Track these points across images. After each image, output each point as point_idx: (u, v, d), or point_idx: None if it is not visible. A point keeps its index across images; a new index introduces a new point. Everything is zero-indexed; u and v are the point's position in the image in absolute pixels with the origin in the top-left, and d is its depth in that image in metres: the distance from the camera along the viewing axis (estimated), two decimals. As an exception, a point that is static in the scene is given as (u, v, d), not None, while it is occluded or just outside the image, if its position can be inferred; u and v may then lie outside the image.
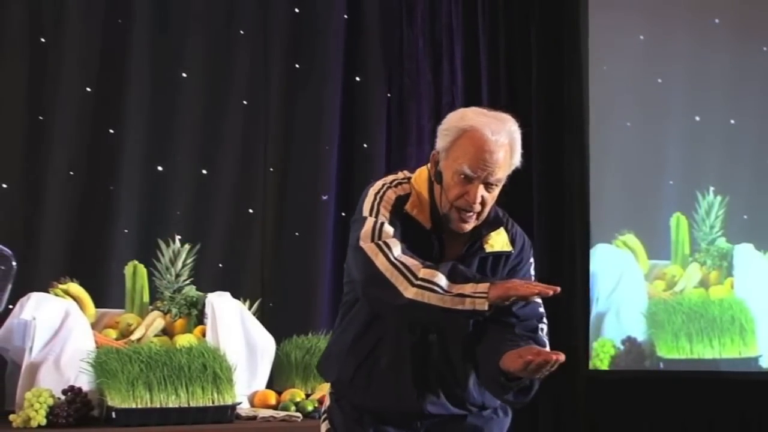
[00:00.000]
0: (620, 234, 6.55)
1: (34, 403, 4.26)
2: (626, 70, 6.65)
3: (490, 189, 3.24)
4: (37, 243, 5.68)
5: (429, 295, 3.10)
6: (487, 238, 3.33)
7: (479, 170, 3.18)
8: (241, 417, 4.59)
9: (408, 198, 3.32)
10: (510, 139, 3.26)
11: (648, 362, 6.47)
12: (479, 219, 3.28)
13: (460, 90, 6.69)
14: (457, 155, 3.21)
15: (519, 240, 3.42)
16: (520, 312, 3.30)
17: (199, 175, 6.12)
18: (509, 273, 3.35)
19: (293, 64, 6.41)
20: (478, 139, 3.19)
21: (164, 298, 5.01)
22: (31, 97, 5.78)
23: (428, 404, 3.34)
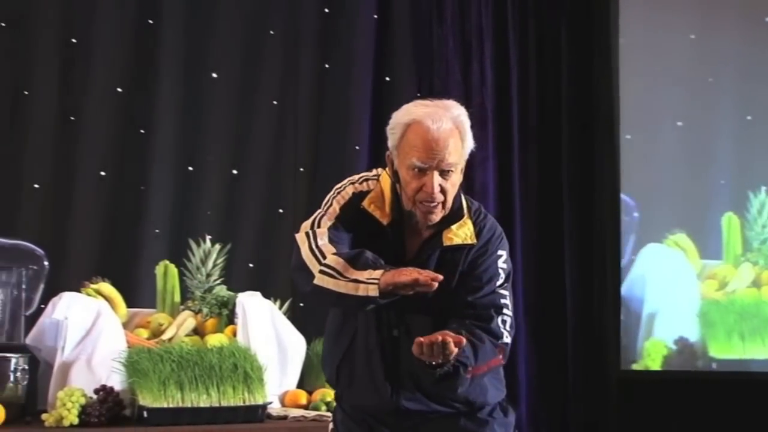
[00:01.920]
0: (671, 234, 6.51)
1: (67, 403, 4.27)
2: (676, 70, 6.62)
3: (446, 176, 3.25)
4: (68, 243, 5.71)
5: (328, 280, 3.15)
6: (447, 232, 3.33)
7: (429, 160, 3.21)
8: (272, 417, 4.59)
9: (367, 194, 3.37)
10: (455, 123, 3.27)
11: (700, 362, 6.45)
12: (445, 208, 3.29)
13: (489, 90, 6.68)
14: (406, 151, 3.25)
15: (487, 232, 3.40)
16: (477, 302, 3.29)
17: (229, 176, 6.14)
18: (470, 264, 3.33)
19: (323, 64, 6.41)
20: (422, 131, 3.22)
21: (195, 298, 5.02)
22: (63, 98, 5.81)
23: (404, 400, 3.34)
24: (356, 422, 3.47)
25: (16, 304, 4.85)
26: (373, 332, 3.35)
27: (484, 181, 6.58)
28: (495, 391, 3.49)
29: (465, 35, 6.71)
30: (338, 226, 3.31)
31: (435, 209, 3.26)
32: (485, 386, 3.42)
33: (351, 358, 3.41)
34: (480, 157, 6.58)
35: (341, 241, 3.28)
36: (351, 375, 3.43)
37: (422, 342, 3.02)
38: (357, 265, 3.16)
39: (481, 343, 3.22)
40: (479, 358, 3.21)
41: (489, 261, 3.35)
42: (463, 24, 6.71)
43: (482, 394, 3.42)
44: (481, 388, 3.40)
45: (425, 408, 3.36)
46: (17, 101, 5.73)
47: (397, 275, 3.06)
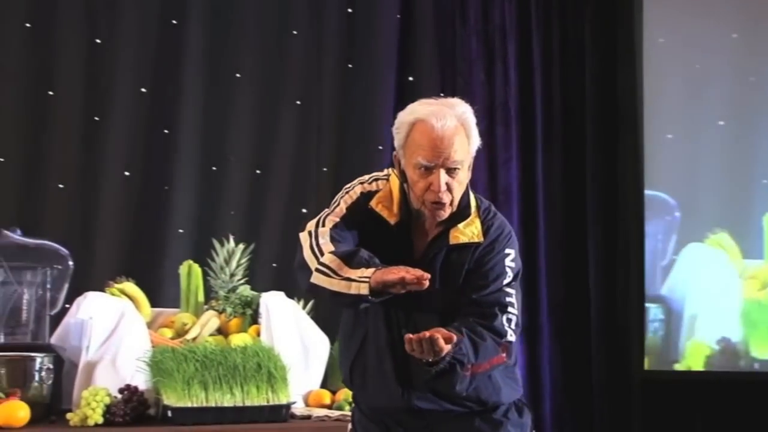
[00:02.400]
0: (713, 233, 6.49)
1: (91, 402, 4.29)
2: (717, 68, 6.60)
3: (453, 174, 3.24)
4: (93, 243, 5.73)
5: (323, 278, 3.19)
6: (454, 230, 3.33)
7: (435, 158, 3.21)
8: (296, 416, 4.59)
9: (376, 194, 3.39)
10: (460, 120, 3.25)
11: (743, 362, 6.42)
12: (453, 206, 3.29)
13: (513, 90, 6.67)
14: (411, 150, 3.25)
15: (495, 230, 3.38)
16: (482, 299, 3.29)
17: (252, 175, 6.15)
18: (476, 263, 3.32)
19: (346, 64, 6.42)
20: (427, 129, 3.22)
21: (219, 298, 5.03)
22: (87, 98, 5.84)
23: (415, 400, 3.34)
24: (373, 422, 3.48)
25: (41, 303, 4.88)
26: (383, 333, 3.35)
27: (507, 181, 6.57)
28: (509, 390, 3.47)
29: (488, 35, 6.70)
30: (342, 226, 3.34)
31: (443, 207, 3.26)
32: (498, 385, 3.41)
33: (363, 359, 3.42)
34: (504, 158, 6.58)
35: (344, 240, 3.30)
36: (363, 376, 3.44)
37: (411, 339, 3.03)
38: (351, 263, 3.17)
39: (482, 341, 3.21)
40: (480, 355, 3.20)
41: (496, 259, 3.34)
42: (486, 24, 6.70)
43: (495, 393, 3.40)
44: (494, 387, 3.39)
45: (438, 407, 3.36)
46: (42, 102, 5.76)
47: (385, 273, 3.07)
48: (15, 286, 4.83)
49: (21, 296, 4.84)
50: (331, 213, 3.39)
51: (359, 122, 6.36)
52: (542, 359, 6.56)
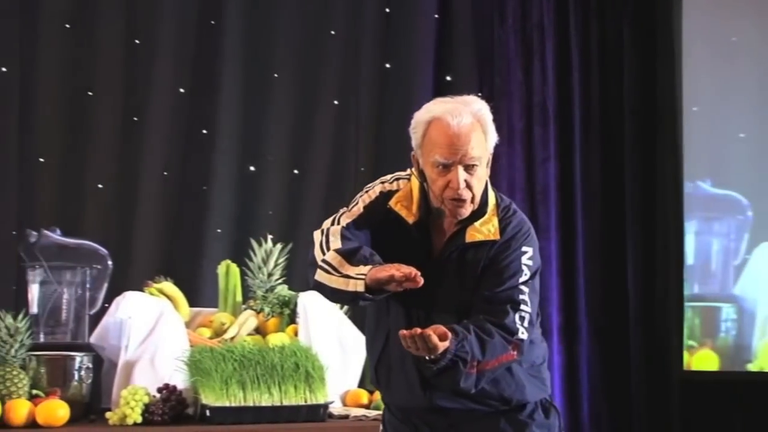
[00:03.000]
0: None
1: (130, 401, 4.30)
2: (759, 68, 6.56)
3: (471, 170, 3.24)
4: (132, 242, 5.76)
5: (324, 275, 3.26)
6: (471, 228, 3.32)
7: (452, 155, 3.21)
8: (334, 416, 4.59)
9: (395, 193, 3.40)
10: (476, 117, 3.26)
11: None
12: (474, 203, 3.29)
13: (551, 89, 6.65)
14: (429, 149, 3.26)
15: (512, 229, 3.37)
16: (494, 297, 3.28)
17: (290, 175, 6.16)
18: (491, 260, 3.31)
19: (384, 64, 6.42)
20: (443, 127, 3.23)
21: (257, 297, 5.03)
22: (126, 99, 5.87)
23: (438, 399, 3.34)
24: (402, 422, 3.49)
25: (80, 303, 4.90)
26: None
27: (545, 180, 6.55)
28: (534, 388, 3.45)
29: (526, 34, 6.68)
30: (357, 225, 3.37)
31: (464, 204, 3.26)
32: (522, 382, 3.40)
33: (386, 359, 3.43)
34: (542, 157, 6.56)
35: (356, 239, 3.32)
36: (388, 375, 3.45)
37: (405, 335, 3.03)
38: (352, 260, 3.21)
39: (490, 339, 3.19)
40: (487, 353, 3.18)
41: (512, 257, 3.32)
42: (524, 23, 6.68)
43: (519, 390, 3.39)
44: (516, 385, 3.38)
45: (460, 406, 3.36)
46: (82, 102, 5.79)
47: (378, 271, 3.09)
48: (55, 286, 4.85)
49: (61, 296, 4.86)
50: (347, 212, 3.44)
51: (397, 122, 6.32)
52: (580, 359, 6.54)
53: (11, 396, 4.27)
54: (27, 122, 5.68)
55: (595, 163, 6.70)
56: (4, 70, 5.67)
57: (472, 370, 3.18)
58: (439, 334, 3.03)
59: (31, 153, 5.69)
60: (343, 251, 3.24)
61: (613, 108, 6.75)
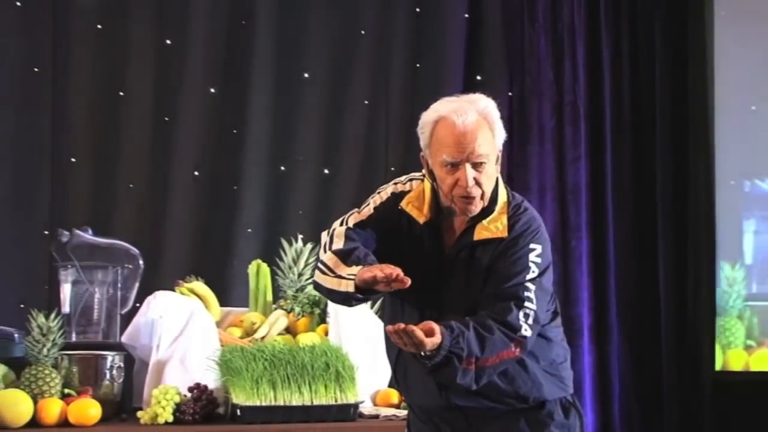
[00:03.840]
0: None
1: (161, 400, 4.32)
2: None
3: (479, 168, 3.24)
4: (163, 242, 5.78)
5: (320, 276, 3.32)
6: (480, 227, 3.32)
7: (459, 154, 3.22)
8: (364, 416, 4.60)
9: (407, 194, 3.44)
10: (482, 115, 3.26)
11: None
12: (484, 199, 3.29)
13: (582, 88, 6.63)
14: (436, 148, 3.29)
15: (521, 226, 3.35)
16: (499, 293, 3.26)
17: (320, 175, 6.17)
18: (498, 257, 3.30)
19: (414, 64, 6.41)
20: (448, 125, 3.25)
21: (287, 297, 5.04)
22: (157, 99, 5.89)
23: (454, 398, 3.34)
24: (424, 422, 3.51)
25: (111, 302, 4.92)
26: None
27: (576, 180, 6.54)
28: (553, 387, 3.44)
29: (557, 33, 6.66)
30: (364, 225, 3.40)
31: (473, 201, 3.26)
32: (538, 380, 3.39)
33: (403, 360, 3.44)
34: (572, 156, 6.55)
35: (360, 240, 3.35)
36: (405, 376, 3.47)
37: (390, 330, 3.05)
38: (347, 261, 3.25)
39: (490, 335, 3.17)
40: (486, 349, 3.16)
41: (519, 254, 3.30)
42: (555, 22, 6.66)
43: (536, 388, 3.39)
44: (533, 382, 3.37)
45: (477, 405, 3.36)
46: (113, 102, 5.82)
47: (365, 272, 3.12)
48: (86, 285, 4.88)
49: (92, 295, 4.89)
50: (356, 213, 3.46)
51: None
52: (611, 359, 6.52)
53: (43, 395, 4.29)
54: (59, 122, 5.72)
55: (626, 163, 6.68)
56: (37, 70, 5.71)
57: (470, 366, 3.16)
58: (425, 330, 3.04)
59: (64, 153, 5.72)
60: (339, 252, 3.28)
61: (644, 107, 6.73)
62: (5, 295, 5.46)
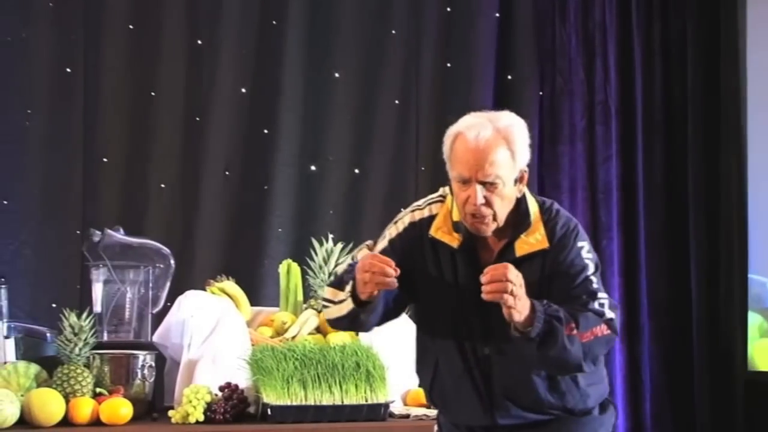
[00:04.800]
0: None
1: (192, 400, 4.33)
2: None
3: (491, 188, 3.18)
4: (194, 242, 5.79)
5: (326, 311, 3.35)
6: (519, 242, 3.27)
7: (468, 171, 3.18)
8: (395, 415, 4.60)
9: (429, 220, 3.38)
10: (501, 133, 3.21)
11: None
12: (498, 221, 3.23)
13: (613, 88, 6.60)
14: (452, 163, 3.26)
15: (560, 230, 3.32)
16: (572, 293, 3.25)
17: (351, 175, 6.16)
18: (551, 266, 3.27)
19: (444, 63, 6.40)
20: (463, 141, 3.23)
21: (318, 297, 5.04)
22: (188, 99, 5.90)
23: (499, 418, 3.33)
24: (458, 428, 3.49)
25: (143, 302, 4.94)
26: (457, 358, 3.34)
27: (607, 179, 6.52)
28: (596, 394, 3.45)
29: (588, 33, 6.64)
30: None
31: (484, 222, 3.21)
32: (586, 393, 3.38)
33: (440, 385, 3.43)
34: (603, 156, 6.53)
35: None
36: (442, 398, 3.46)
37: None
38: (341, 286, 3.27)
39: (581, 312, 3.17)
40: (581, 323, 3.14)
41: (571, 256, 3.28)
42: (586, 21, 6.64)
43: (582, 401, 3.38)
44: (581, 395, 3.37)
45: (522, 421, 3.35)
46: (144, 102, 5.83)
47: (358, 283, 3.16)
48: (118, 285, 4.90)
49: (124, 295, 4.91)
50: (366, 248, 3.46)
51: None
52: (643, 360, 6.50)
53: (75, 394, 4.32)
54: (91, 123, 5.73)
55: (657, 162, 6.65)
56: (69, 71, 5.73)
57: (572, 333, 3.12)
58: None
59: (95, 153, 5.73)
60: (333, 282, 3.34)
61: (675, 106, 6.70)
62: (37, 294, 5.48)
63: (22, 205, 5.57)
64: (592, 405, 3.42)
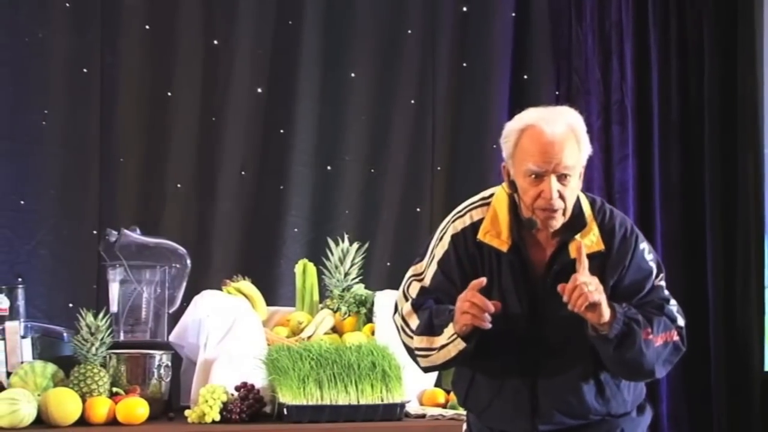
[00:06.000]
0: None
1: (208, 399, 4.34)
2: None
3: (564, 181, 3.17)
4: (210, 242, 5.79)
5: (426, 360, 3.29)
6: (573, 243, 3.23)
7: (545, 163, 3.14)
8: (410, 415, 4.60)
9: (474, 226, 3.32)
10: (570, 127, 3.20)
11: None
12: (566, 215, 3.21)
13: (629, 87, 6.58)
14: (521, 157, 3.19)
15: (619, 229, 3.32)
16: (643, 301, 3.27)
17: (367, 175, 6.16)
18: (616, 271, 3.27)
19: (461, 63, 6.39)
20: (536, 134, 3.17)
21: (334, 297, 5.05)
22: (205, 99, 5.90)
23: (540, 424, 3.31)
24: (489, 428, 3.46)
25: (159, 302, 4.96)
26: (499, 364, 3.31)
27: (623, 179, 6.49)
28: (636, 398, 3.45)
29: (604, 33, 6.61)
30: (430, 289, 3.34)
31: (555, 215, 3.18)
32: (627, 399, 3.39)
33: (476, 392, 3.42)
34: (619, 156, 6.50)
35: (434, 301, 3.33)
36: (479, 405, 3.44)
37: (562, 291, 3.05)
38: (435, 331, 3.22)
39: (654, 315, 3.21)
40: (655, 326, 3.18)
41: (636, 259, 3.29)
42: (602, 21, 6.61)
43: (623, 405, 3.38)
44: (623, 400, 3.37)
45: (561, 427, 3.33)
46: (161, 102, 5.84)
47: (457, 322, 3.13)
48: (134, 285, 4.92)
49: (140, 294, 4.93)
50: (415, 278, 3.39)
51: (473, 121, 6.34)
52: (659, 360, 6.47)
53: (92, 394, 4.33)
54: (108, 123, 5.74)
55: (674, 162, 6.62)
56: (85, 71, 5.74)
57: (648, 337, 3.16)
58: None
59: (112, 153, 5.74)
60: (422, 330, 3.26)
61: (692, 106, 6.67)
62: (54, 294, 5.50)
63: (39, 205, 5.59)
64: (631, 408, 3.42)
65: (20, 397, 4.20)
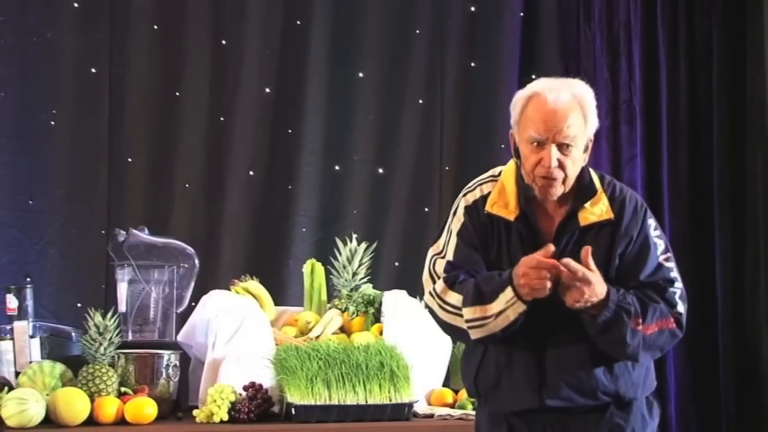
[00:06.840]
0: None
1: (217, 399, 4.34)
2: None
3: (565, 150, 3.20)
4: (218, 242, 5.81)
5: (481, 330, 3.23)
6: (582, 211, 3.28)
7: (546, 132, 3.18)
8: (418, 415, 4.60)
9: (482, 199, 3.36)
10: (576, 98, 3.24)
11: None
12: (566, 185, 3.24)
13: (638, 87, 6.57)
14: (525, 124, 3.24)
15: (629, 205, 3.35)
16: (648, 280, 3.28)
17: (375, 175, 6.16)
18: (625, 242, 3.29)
19: (469, 63, 6.39)
20: (540, 102, 3.21)
21: (342, 296, 5.05)
22: (213, 99, 5.91)
23: (548, 398, 3.30)
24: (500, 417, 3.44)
25: (167, 301, 4.96)
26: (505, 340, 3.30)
27: (632, 179, 6.48)
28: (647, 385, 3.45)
29: (613, 32, 6.60)
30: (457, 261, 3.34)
31: (553, 184, 3.22)
32: (638, 381, 3.38)
33: (486, 367, 3.40)
34: (628, 156, 6.49)
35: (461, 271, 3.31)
36: (488, 381, 3.41)
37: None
38: (486, 299, 3.20)
39: (650, 302, 3.21)
40: (649, 315, 3.19)
41: (645, 231, 3.32)
42: (610, 20, 6.60)
43: (633, 388, 3.37)
44: (633, 383, 3.36)
45: (569, 404, 3.31)
46: (169, 102, 5.85)
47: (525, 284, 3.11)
48: (143, 285, 4.93)
49: (149, 294, 4.93)
50: (438, 256, 3.40)
51: (482, 121, 6.33)
52: (668, 359, 6.46)
53: (100, 393, 4.34)
54: (116, 123, 5.75)
55: (682, 162, 6.61)
56: (94, 71, 5.75)
57: (637, 327, 3.18)
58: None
59: (120, 153, 5.76)
60: (473, 299, 3.23)
61: (701, 107, 6.65)
62: (63, 294, 5.51)
63: (48, 205, 5.61)
64: (640, 396, 3.41)
65: (29, 396, 4.21)
